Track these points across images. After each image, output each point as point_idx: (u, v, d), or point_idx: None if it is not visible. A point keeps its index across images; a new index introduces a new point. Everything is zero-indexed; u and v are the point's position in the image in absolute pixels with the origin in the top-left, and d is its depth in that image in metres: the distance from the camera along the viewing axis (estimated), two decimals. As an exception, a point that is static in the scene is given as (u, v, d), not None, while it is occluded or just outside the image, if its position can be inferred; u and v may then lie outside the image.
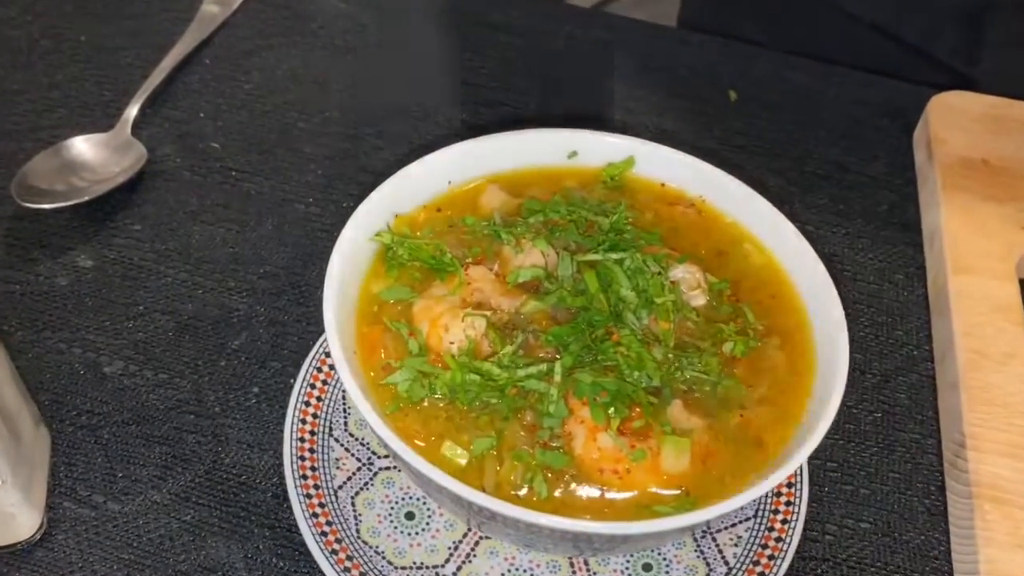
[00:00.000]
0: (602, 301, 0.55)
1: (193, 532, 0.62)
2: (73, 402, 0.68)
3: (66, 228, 0.79)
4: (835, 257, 0.84)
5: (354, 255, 0.57)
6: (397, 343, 0.55)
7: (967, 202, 0.83)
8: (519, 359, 0.53)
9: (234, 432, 0.67)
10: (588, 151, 0.66)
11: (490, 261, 0.59)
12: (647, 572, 0.59)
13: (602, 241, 0.58)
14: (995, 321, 0.74)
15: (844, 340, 0.53)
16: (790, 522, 0.60)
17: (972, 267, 0.78)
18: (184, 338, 0.73)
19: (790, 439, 0.51)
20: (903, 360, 0.76)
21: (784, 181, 0.90)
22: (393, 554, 0.59)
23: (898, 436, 0.71)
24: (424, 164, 0.63)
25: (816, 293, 0.57)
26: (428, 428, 0.51)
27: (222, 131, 0.90)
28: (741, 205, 0.63)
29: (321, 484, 0.61)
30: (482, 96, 0.96)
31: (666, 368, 0.53)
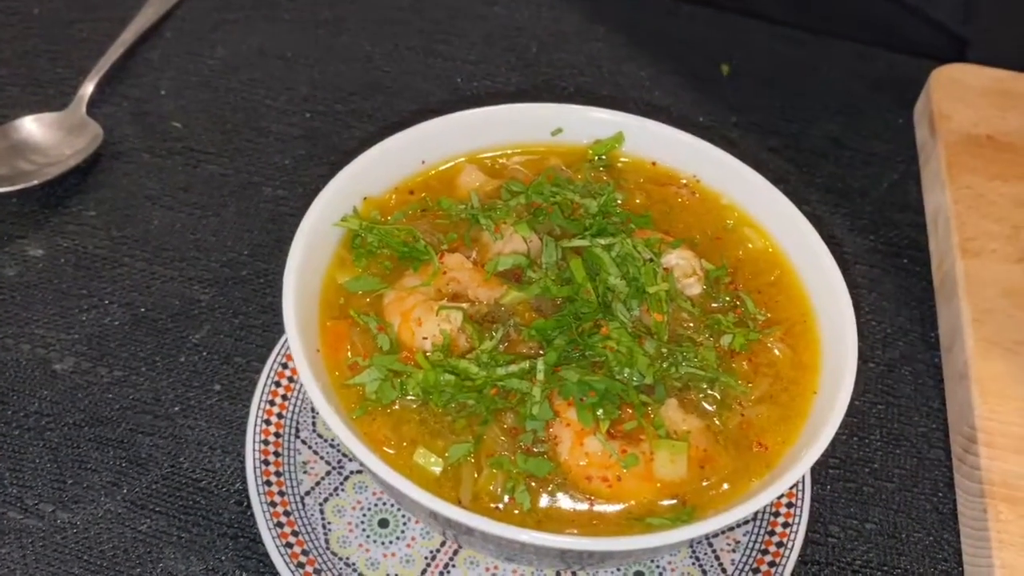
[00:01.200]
0: (589, 291, 0.51)
1: (150, 543, 0.58)
2: (20, 402, 0.64)
3: (14, 215, 0.74)
4: (834, 239, 0.80)
5: (318, 242, 0.52)
6: (365, 339, 0.50)
7: (973, 182, 0.79)
8: (499, 356, 0.49)
9: (194, 434, 0.63)
10: (573, 127, 0.61)
11: (467, 248, 0.54)
12: (639, 582, 0.55)
13: (589, 225, 0.54)
14: (1005, 307, 0.70)
15: (853, 333, 0.49)
16: (792, 525, 0.56)
17: (980, 250, 0.74)
18: (141, 332, 0.68)
19: (795, 441, 0.47)
20: (908, 348, 0.72)
21: (780, 159, 0.86)
22: (365, 565, 0.54)
23: (903, 430, 0.67)
24: (395, 142, 0.58)
25: (822, 281, 0.53)
26: (399, 433, 0.47)
27: (184, 110, 0.85)
28: (739, 185, 0.58)
29: (287, 490, 0.56)
30: (460, 70, 0.91)
31: (659, 364, 0.49)
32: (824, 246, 0.54)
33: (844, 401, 0.47)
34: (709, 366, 0.50)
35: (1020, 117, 0.85)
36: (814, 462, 0.44)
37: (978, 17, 1.00)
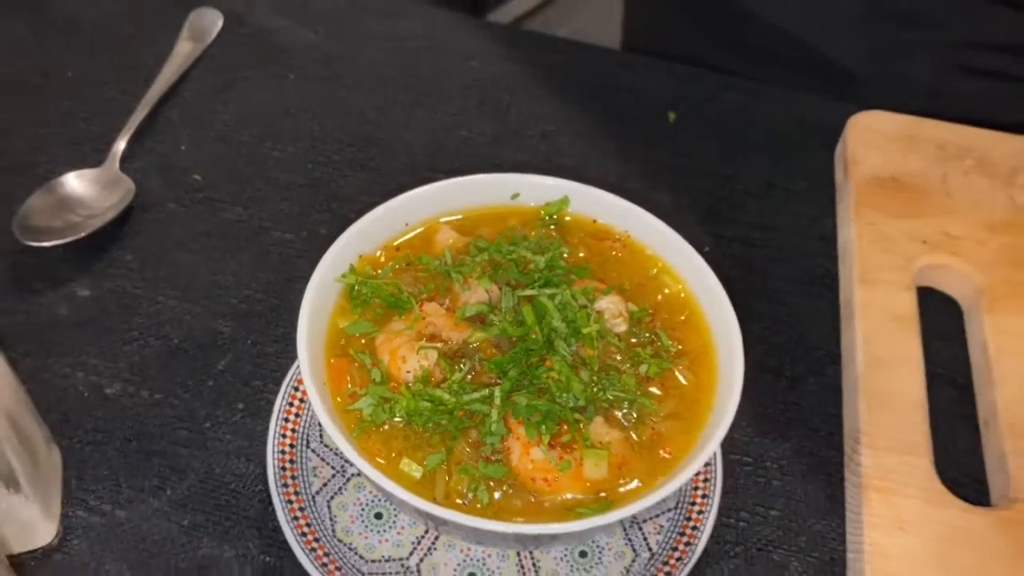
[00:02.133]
0: (537, 332, 0.64)
1: (190, 534, 0.71)
2: (79, 421, 0.77)
3: (64, 261, 0.87)
4: (757, 269, 0.93)
5: (323, 296, 0.66)
6: (362, 372, 0.64)
7: (875, 219, 0.93)
8: (466, 385, 0.63)
9: (223, 445, 0.76)
10: (528, 192, 0.75)
11: (442, 297, 0.68)
12: (583, 558, 0.69)
13: (537, 278, 0.67)
14: (893, 329, 0.84)
15: (740, 360, 0.63)
16: (704, 513, 0.70)
17: (875, 279, 0.87)
18: (175, 360, 0.82)
19: (692, 447, 0.61)
20: (813, 364, 0.86)
21: (714, 199, 1.00)
22: (364, 550, 0.68)
23: (806, 433, 0.81)
24: (384, 209, 0.72)
25: (719, 317, 0.67)
26: (388, 447, 0.61)
27: (203, 163, 0.98)
28: (659, 240, 0.72)
29: (300, 490, 0.70)
30: (440, 122, 1.05)
31: (591, 389, 0.63)
32: (722, 288, 0.67)
33: (730, 416, 0.60)
34: (630, 390, 0.64)
35: (921, 159, 0.99)
36: (703, 464, 0.58)
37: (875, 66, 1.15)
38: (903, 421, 0.77)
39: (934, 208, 0.94)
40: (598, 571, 0.68)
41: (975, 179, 0.98)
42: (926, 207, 0.94)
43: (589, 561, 0.68)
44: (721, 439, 0.59)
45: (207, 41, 1.10)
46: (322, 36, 1.12)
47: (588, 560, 0.69)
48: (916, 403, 0.78)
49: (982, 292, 0.87)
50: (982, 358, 0.84)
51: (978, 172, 0.98)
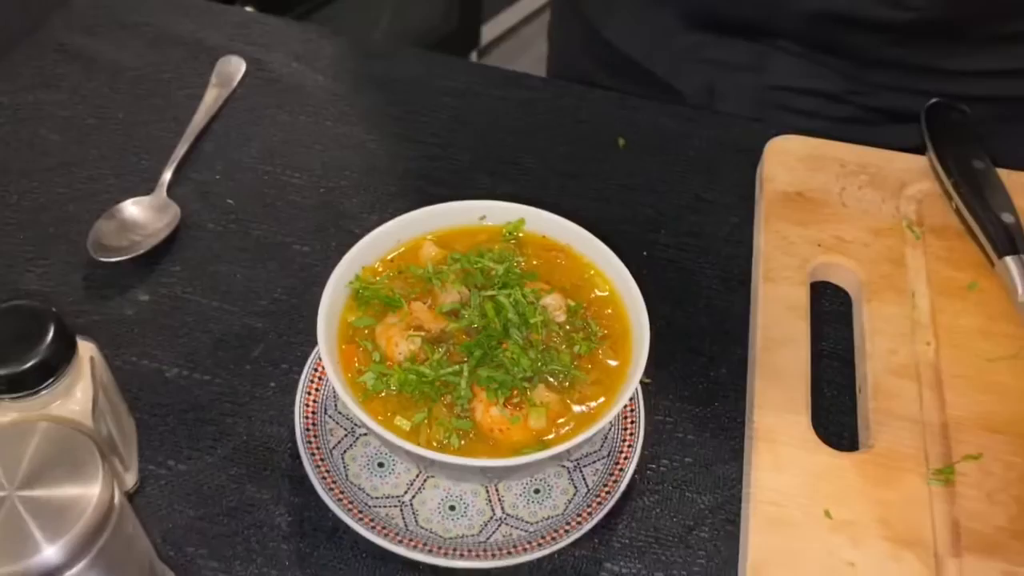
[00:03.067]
0: (496, 322, 0.86)
1: (236, 482, 0.92)
2: (148, 398, 0.98)
3: (127, 273, 1.08)
4: (687, 270, 1.15)
5: (336, 297, 0.88)
6: (365, 355, 0.85)
7: (781, 227, 1.14)
8: (443, 362, 0.84)
9: (259, 414, 0.97)
10: (493, 215, 0.96)
11: (425, 298, 0.89)
12: (537, 494, 0.90)
13: (497, 282, 0.89)
14: (787, 317, 1.05)
15: (646, 342, 0.84)
16: (629, 458, 0.92)
17: (776, 277, 1.09)
18: (220, 350, 1.03)
19: (610, 407, 0.83)
20: (728, 346, 1.07)
21: (656, 212, 1.21)
22: (370, 490, 0.89)
23: (719, 399, 1.02)
24: (382, 230, 0.93)
25: (635, 310, 0.88)
26: (386, 408, 0.82)
27: (235, 189, 1.20)
28: (592, 250, 0.93)
29: (321, 446, 0.92)
30: (427, 151, 1.26)
31: (536, 364, 0.84)
32: (636, 287, 0.87)
33: (635, 382, 0.81)
34: (566, 365, 0.85)
35: (824, 176, 1.20)
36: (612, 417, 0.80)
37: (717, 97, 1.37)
38: (789, 388, 0.98)
39: (831, 217, 1.15)
40: (548, 503, 0.89)
41: (868, 192, 1.19)
42: (824, 216, 1.15)
43: (542, 496, 0.90)
44: (627, 398, 0.80)
45: (232, 85, 1.31)
46: (330, 78, 1.34)
47: (541, 495, 0.90)
48: (800, 375, 1.00)
49: (864, 284, 1.09)
50: (861, 336, 1.06)
51: (871, 186, 1.19)
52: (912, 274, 1.10)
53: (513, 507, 0.83)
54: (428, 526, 0.81)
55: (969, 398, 0.97)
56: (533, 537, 0.86)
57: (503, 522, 0.82)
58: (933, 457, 0.93)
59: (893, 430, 0.95)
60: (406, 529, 0.81)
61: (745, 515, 0.89)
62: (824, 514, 0.88)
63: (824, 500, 0.89)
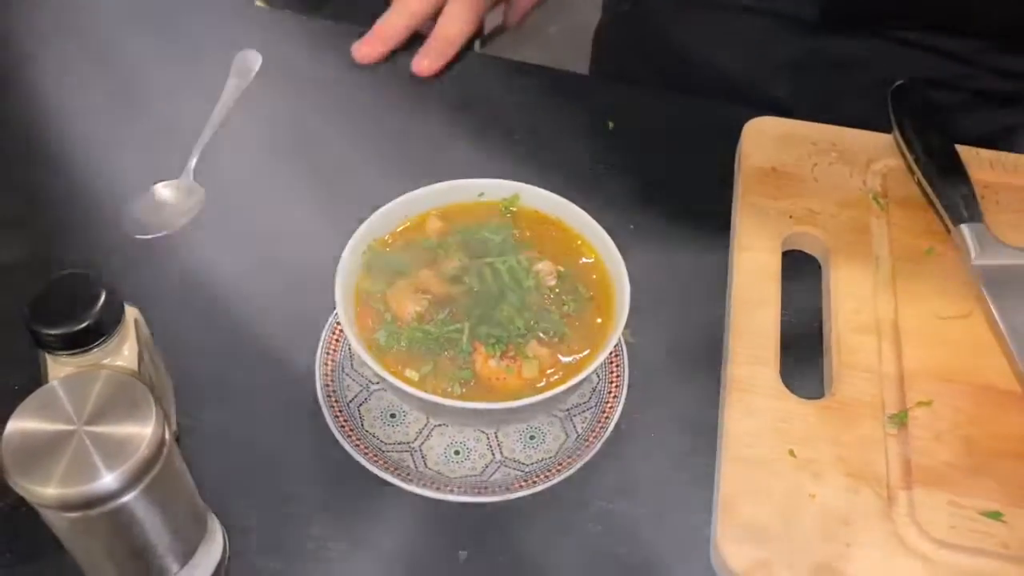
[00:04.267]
0: (493, 286, 0.97)
1: (266, 432, 1.02)
2: (181, 358, 1.10)
3: (163, 248, 1.20)
4: (671, 242, 1.24)
5: (351, 266, 0.99)
6: (378, 316, 0.96)
7: (755, 200, 1.24)
8: (447, 321, 0.95)
9: (285, 372, 1.05)
10: (491, 191, 1.06)
11: (431, 265, 1.00)
12: (532, 440, 1.01)
13: (494, 251, 1.00)
14: (759, 280, 1.15)
15: (627, 301, 0.95)
16: (614, 407, 1.03)
17: (751, 246, 1.19)
18: (245, 317, 1.13)
19: (594, 359, 0.93)
20: (707, 308, 1.17)
21: (641, 189, 1.30)
22: (384, 437, 1.00)
23: (698, 356, 1.11)
24: (390, 206, 1.04)
25: (617, 276, 0.99)
26: (397, 362, 0.93)
27: (252, 173, 1.30)
28: (580, 222, 1.04)
29: (340, 400, 1.03)
30: (433, 136, 1.36)
31: (529, 323, 0.95)
32: (619, 255, 0.98)
33: (616, 336, 0.93)
34: (556, 323, 0.96)
35: (796, 153, 1.30)
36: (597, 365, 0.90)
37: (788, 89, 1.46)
38: (760, 344, 1.09)
39: (802, 191, 1.25)
40: (542, 447, 1.00)
41: (837, 167, 1.29)
42: (796, 190, 1.25)
43: (536, 441, 1.01)
44: (609, 350, 0.91)
45: (250, 77, 1.41)
46: (340, 70, 1.44)
47: (536, 441, 1.01)
48: (770, 332, 1.10)
49: (832, 251, 1.19)
50: (828, 298, 1.16)
51: (840, 162, 1.29)
52: (876, 241, 1.19)
53: (511, 451, 0.94)
54: (436, 468, 0.91)
55: (924, 351, 1.08)
56: (528, 476, 0.97)
57: (502, 464, 0.93)
58: (889, 404, 1.04)
59: (854, 381, 1.05)
60: (416, 471, 0.91)
61: (719, 456, 1.00)
62: (789, 453, 0.99)
63: (789, 442, 1.00)
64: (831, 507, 0.94)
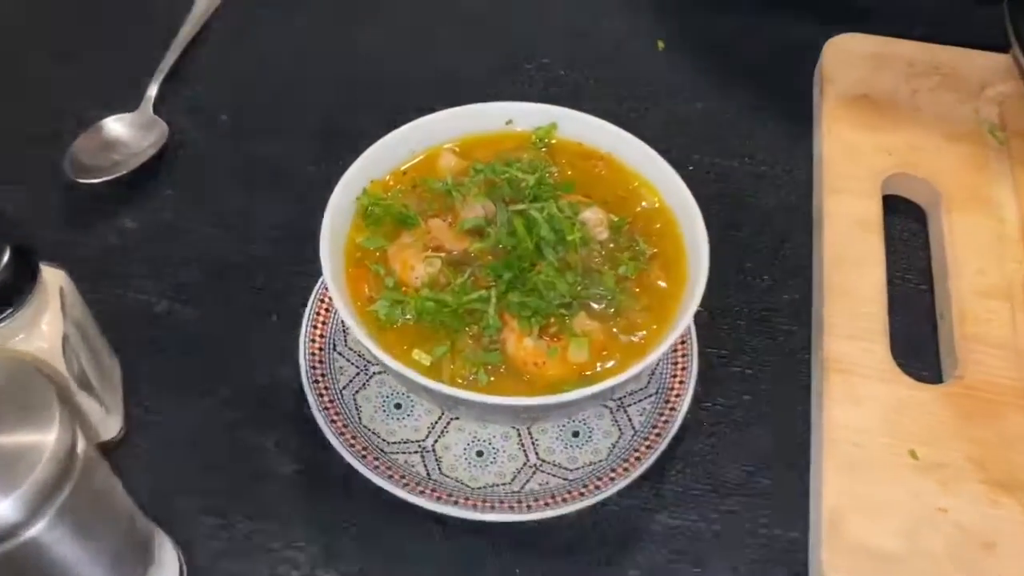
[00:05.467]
0: (528, 241, 0.74)
1: (236, 428, 0.81)
2: (134, 336, 0.86)
3: (112, 198, 0.97)
4: (739, 185, 1.01)
5: (341, 215, 0.76)
6: (376, 280, 0.74)
7: (845, 132, 1.01)
8: (468, 287, 0.72)
9: (261, 351, 0.86)
10: (521, 118, 0.83)
11: (444, 214, 0.77)
12: (576, 437, 0.79)
13: (528, 194, 0.77)
14: (856, 232, 0.92)
15: (705, 260, 0.72)
16: (681, 395, 0.80)
17: (843, 188, 0.96)
18: (215, 281, 0.91)
19: (663, 335, 0.71)
20: (790, 268, 0.94)
21: (699, 121, 1.08)
22: (386, 434, 0.79)
23: (780, 328, 0.90)
24: (391, 138, 0.81)
25: (690, 227, 0.76)
26: (402, 340, 0.71)
27: (228, 105, 1.07)
28: (638, 157, 0.81)
29: (330, 386, 0.81)
30: (444, 59, 1.13)
31: (574, 288, 0.72)
32: (691, 197, 0.76)
33: (694, 307, 0.69)
34: (609, 288, 0.73)
35: (891, 77, 1.06)
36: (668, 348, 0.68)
37: None
38: (862, 312, 0.86)
39: (902, 122, 1.02)
40: (588, 447, 0.78)
41: (942, 94, 1.05)
42: (894, 121, 1.02)
43: (581, 439, 0.79)
44: (685, 326, 0.69)
45: (226, -11, 1.18)
46: (335, -22, 1.20)
47: (580, 439, 0.79)
48: (875, 297, 0.87)
49: (943, 197, 0.95)
50: (941, 255, 0.93)
51: (945, 87, 1.05)
52: (997, 183, 0.96)
53: (549, 452, 0.73)
54: (453, 474, 0.70)
55: (1070, 321, 0.85)
56: (573, 486, 0.75)
57: (538, 469, 0.72)
58: (1032, 389, 0.81)
59: (984, 359, 0.83)
60: (428, 478, 0.70)
61: (817, 457, 0.78)
62: (909, 454, 0.77)
63: (908, 439, 0.78)
64: (967, 525, 0.73)
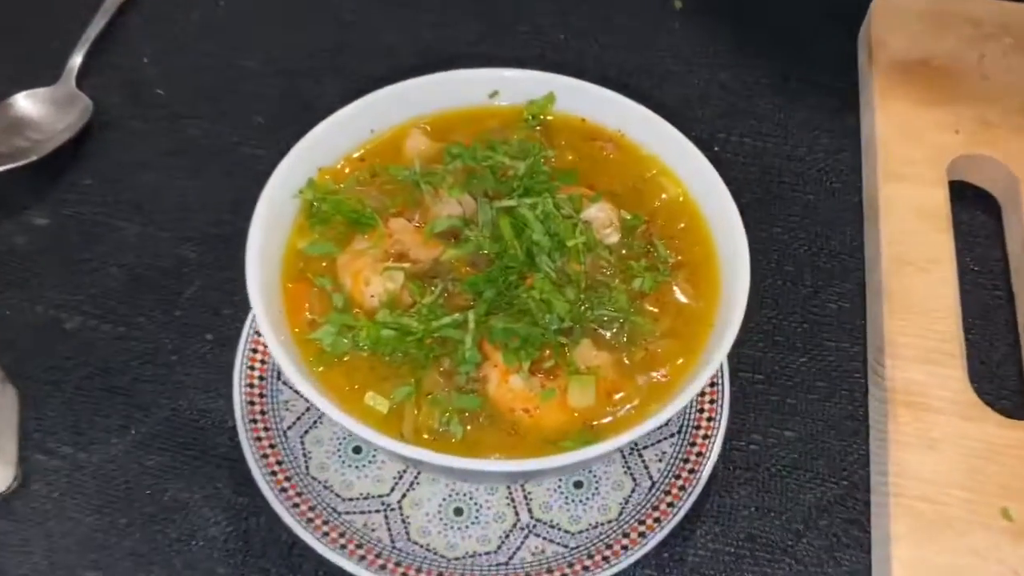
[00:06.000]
0: (516, 247, 0.57)
1: (157, 476, 0.67)
2: (37, 359, 0.72)
3: (19, 188, 0.81)
4: (773, 169, 0.85)
5: (278, 213, 0.59)
6: (322, 298, 0.57)
7: (902, 107, 0.84)
8: (438, 309, 0.56)
9: (191, 379, 0.71)
10: (509, 89, 0.67)
11: (411, 212, 0.61)
12: (578, 489, 0.63)
13: (517, 186, 0.60)
14: (921, 228, 0.76)
15: (746, 272, 0.56)
16: (710, 437, 0.64)
17: (902, 174, 0.79)
18: (139, 290, 0.76)
19: (691, 369, 0.54)
20: (835, 270, 0.79)
21: (726, 93, 0.91)
22: (341, 486, 0.63)
23: (826, 345, 0.74)
24: (344, 114, 0.64)
25: (723, 224, 0.59)
26: (352, 379, 0.55)
27: (166, 76, 0.91)
28: (657, 137, 0.64)
29: (271, 425, 0.65)
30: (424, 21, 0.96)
31: (577, 308, 0.56)
32: (727, 191, 0.60)
33: (732, 334, 0.53)
34: (621, 308, 0.57)
35: (953, 38, 0.89)
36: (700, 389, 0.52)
37: None
38: (933, 328, 0.70)
39: (969, 93, 0.85)
40: (595, 503, 0.62)
41: (1016, 59, 0.88)
42: (959, 93, 0.85)
43: (585, 492, 0.63)
44: (722, 360, 0.53)
45: (167, -58, 1.00)
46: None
47: (584, 491, 0.63)
48: (948, 308, 0.71)
49: (1021, 182, 0.79)
50: (1020, 253, 0.76)
51: (1019, 52, 0.88)
52: (1088, 167, 0.79)
53: (545, 509, 0.58)
54: (424, 540, 0.56)
55: None
56: (576, 556, 0.59)
57: (531, 531, 0.58)
58: None
59: (1087, 388, 0.66)
60: (392, 546, 0.56)
61: (881, 517, 0.62)
62: (1001, 514, 0.61)
63: (999, 492, 0.62)
64: (1076, 607, 0.56)
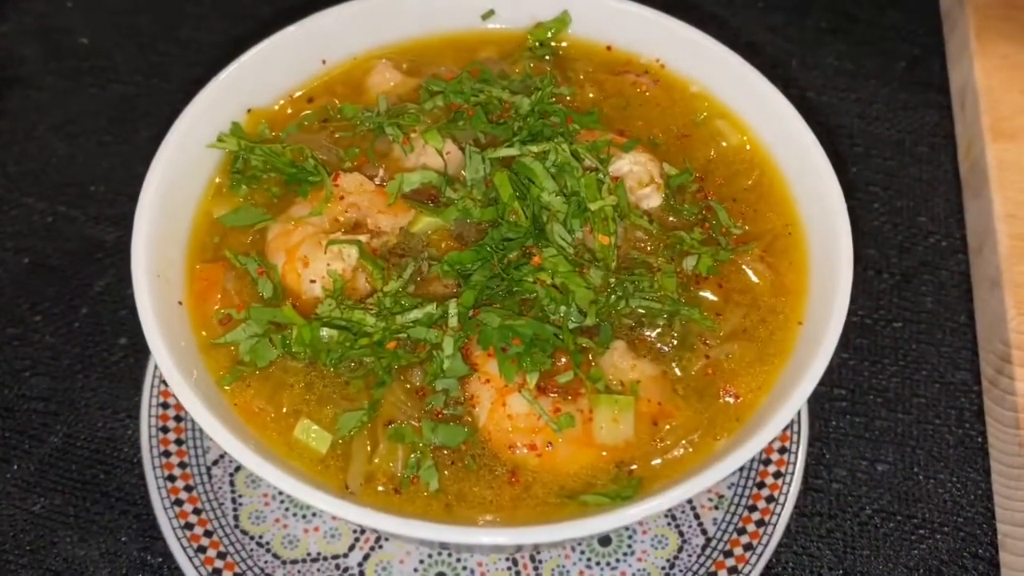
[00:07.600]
0: (518, 211, 0.41)
1: (43, 525, 0.50)
2: None
3: None
4: (841, 129, 0.69)
5: (183, 170, 0.43)
6: (242, 285, 0.41)
7: (1007, 51, 0.67)
8: (406, 298, 0.39)
9: (96, 396, 0.55)
10: (508, 9, 0.51)
11: (373, 166, 0.44)
12: (605, 547, 0.46)
13: (518, 130, 0.43)
14: (1046, 198, 0.59)
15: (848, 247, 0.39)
16: (784, 476, 0.47)
17: (1016, 131, 0.62)
18: (40, 281, 0.60)
19: (773, 386, 0.37)
20: (929, 253, 0.62)
21: (780, 38, 0.75)
22: (282, 544, 0.46)
23: (923, 350, 0.58)
24: (287, 37, 0.48)
25: (811, 182, 0.42)
26: (277, 402, 0.38)
27: (92, 22, 0.75)
28: (713, 69, 0.47)
29: (189, 460, 0.48)
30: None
31: (605, 298, 0.39)
32: (814, 138, 0.43)
33: (835, 332, 0.37)
34: (667, 297, 0.40)
35: (1064, -30, 0.72)
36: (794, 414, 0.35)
37: None
38: (1073, 328, 0.52)
39: (1088, 32, 0.68)
40: (627, 566, 0.45)
41: None
42: (1077, 31, 0.68)
43: (614, 552, 0.46)
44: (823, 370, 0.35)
45: None
46: None
47: (612, 549, 0.46)
48: (1090, 303, 0.53)
49: None
50: None
51: None
52: None
53: (560, 575, 0.39)
54: None
55: None
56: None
57: None
58: None
59: None
60: None
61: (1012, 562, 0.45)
62: None
63: None
64: None
